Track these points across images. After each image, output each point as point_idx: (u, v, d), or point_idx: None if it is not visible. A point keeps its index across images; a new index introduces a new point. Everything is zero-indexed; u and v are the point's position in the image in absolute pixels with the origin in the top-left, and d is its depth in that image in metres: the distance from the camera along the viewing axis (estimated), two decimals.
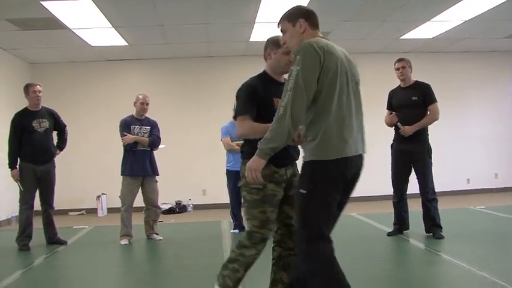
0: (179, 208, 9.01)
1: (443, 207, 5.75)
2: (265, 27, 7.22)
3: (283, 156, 2.91)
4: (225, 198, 6.72)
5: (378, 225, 6.35)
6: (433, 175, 5.56)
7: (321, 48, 2.57)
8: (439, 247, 5.02)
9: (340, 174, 2.64)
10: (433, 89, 5.57)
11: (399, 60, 5.69)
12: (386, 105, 5.84)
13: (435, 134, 5.86)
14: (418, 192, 5.52)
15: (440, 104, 5.62)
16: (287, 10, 2.82)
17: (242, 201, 3.41)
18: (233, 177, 6.26)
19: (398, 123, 5.54)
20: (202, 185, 9.38)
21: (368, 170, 3.04)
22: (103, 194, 9.03)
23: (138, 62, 9.51)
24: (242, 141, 3.26)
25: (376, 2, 6.35)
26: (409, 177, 5.69)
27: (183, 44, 8.44)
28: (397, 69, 5.65)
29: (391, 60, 5.94)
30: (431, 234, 5.44)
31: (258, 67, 3.29)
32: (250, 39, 8.06)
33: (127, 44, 8.10)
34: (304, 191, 2.64)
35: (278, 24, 2.83)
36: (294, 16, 2.76)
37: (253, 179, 2.66)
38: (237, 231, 6.40)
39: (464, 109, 9.80)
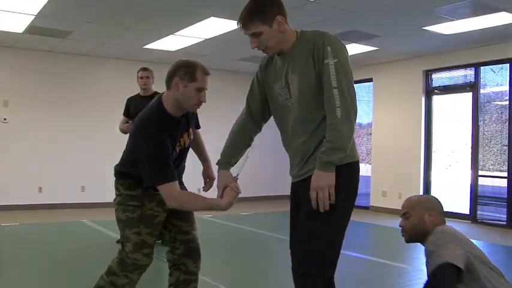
0: None
1: None
2: None
3: None
4: None
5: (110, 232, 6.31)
6: None
7: None
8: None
9: None
10: None
11: (144, 69, 5.70)
12: (123, 111, 5.85)
13: None
14: None
15: None
16: (254, 5, 2.24)
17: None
18: None
19: None
20: None
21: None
22: None
23: None
24: None
25: (120, 9, 6.32)
26: None
27: None
28: (141, 77, 5.64)
29: (131, 67, 5.97)
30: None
31: None
32: None
33: None
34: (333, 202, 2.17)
35: (241, 26, 2.26)
36: (269, 15, 2.21)
37: (328, 198, 2.13)
38: None
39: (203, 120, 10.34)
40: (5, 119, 8.61)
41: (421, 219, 2.36)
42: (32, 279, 4.28)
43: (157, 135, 2.52)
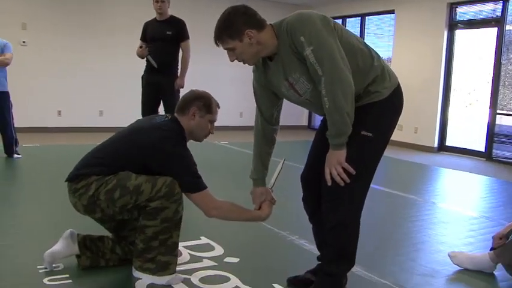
0: None
1: None
2: None
3: None
4: None
5: None
6: None
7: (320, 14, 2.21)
8: None
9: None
10: (187, 26, 5.74)
11: None
12: (140, 36, 5.84)
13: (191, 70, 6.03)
14: None
15: (193, 42, 5.85)
16: (221, 22, 2.21)
17: None
18: None
19: (149, 56, 5.59)
20: None
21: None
22: None
23: None
24: None
25: None
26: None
27: None
28: (156, 1, 5.61)
29: None
30: None
31: None
32: None
33: None
34: (370, 134, 2.28)
35: (217, 43, 2.25)
36: (236, 31, 2.19)
37: (342, 172, 2.22)
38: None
39: (215, 50, 10.27)
40: (23, 42, 8.65)
41: None
42: (51, 194, 4.45)
43: (185, 147, 2.58)
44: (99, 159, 2.56)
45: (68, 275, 2.66)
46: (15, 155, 6.10)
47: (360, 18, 10.45)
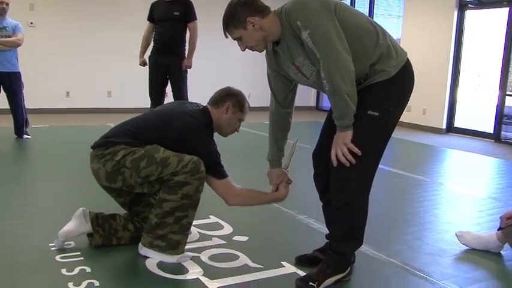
0: None
1: None
2: None
3: None
4: None
5: None
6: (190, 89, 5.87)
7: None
8: None
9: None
10: (194, 7, 5.74)
11: None
12: (147, 17, 5.87)
13: (198, 51, 6.05)
14: None
15: (200, 22, 5.85)
16: (226, 14, 2.29)
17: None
18: None
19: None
20: None
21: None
22: None
23: None
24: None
25: None
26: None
27: None
28: None
29: None
30: None
31: None
32: None
33: None
34: (377, 113, 2.28)
35: (226, 34, 2.35)
36: (239, 19, 2.25)
37: (348, 153, 2.22)
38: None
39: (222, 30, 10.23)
40: (31, 23, 8.64)
41: None
42: (60, 174, 4.50)
43: (212, 138, 2.71)
44: (129, 132, 2.63)
45: (79, 253, 2.70)
46: (25, 136, 6.15)
47: None
